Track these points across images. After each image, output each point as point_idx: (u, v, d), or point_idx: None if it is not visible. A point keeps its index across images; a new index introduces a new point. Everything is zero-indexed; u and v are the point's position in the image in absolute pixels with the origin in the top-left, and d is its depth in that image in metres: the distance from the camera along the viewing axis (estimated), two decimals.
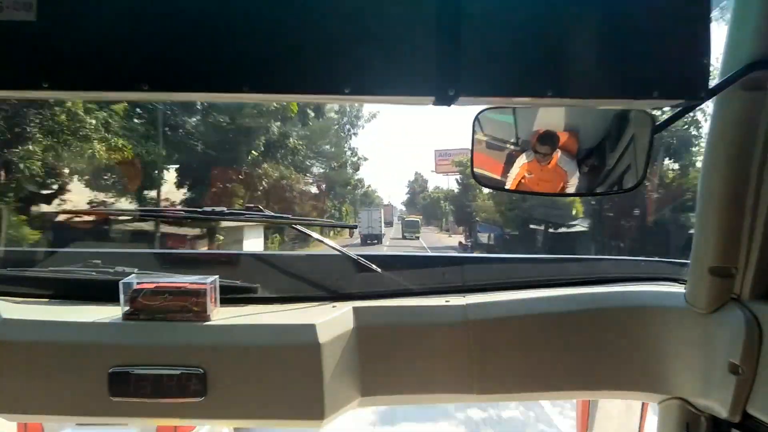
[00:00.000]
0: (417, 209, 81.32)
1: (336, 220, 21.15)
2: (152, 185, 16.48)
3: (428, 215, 74.75)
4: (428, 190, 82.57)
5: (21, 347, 1.17)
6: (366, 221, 39.14)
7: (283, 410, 1.19)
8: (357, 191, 59.08)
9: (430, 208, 74.24)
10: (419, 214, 68.98)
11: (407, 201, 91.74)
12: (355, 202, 60.64)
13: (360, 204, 61.70)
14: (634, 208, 16.78)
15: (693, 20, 0.85)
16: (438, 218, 67.93)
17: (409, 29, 0.84)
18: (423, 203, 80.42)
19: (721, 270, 1.03)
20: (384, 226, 44.48)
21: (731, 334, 1.01)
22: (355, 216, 40.72)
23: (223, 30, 0.84)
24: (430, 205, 75.57)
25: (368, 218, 39.80)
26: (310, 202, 24.69)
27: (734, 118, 0.95)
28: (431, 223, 70.47)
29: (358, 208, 47.03)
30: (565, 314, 1.28)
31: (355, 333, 1.25)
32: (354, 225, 3.75)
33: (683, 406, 1.18)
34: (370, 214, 40.81)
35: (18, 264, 1.43)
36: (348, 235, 40.65)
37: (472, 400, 1.30)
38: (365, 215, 40.51)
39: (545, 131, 1.05)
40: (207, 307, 1.20)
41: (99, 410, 1.16)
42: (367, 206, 51.95)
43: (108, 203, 15.05)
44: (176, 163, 18.40)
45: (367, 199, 67.99)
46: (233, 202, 17.75)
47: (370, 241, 37.60)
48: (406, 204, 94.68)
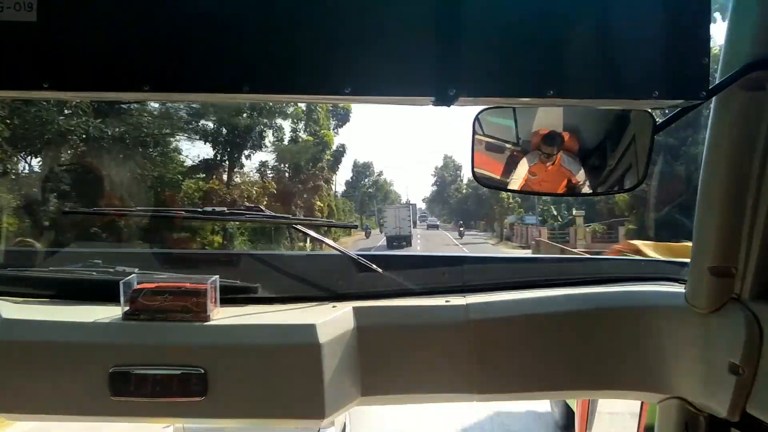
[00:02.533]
0: (444, 209, 65.23)
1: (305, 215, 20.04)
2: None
3: (464, 215, 55.52)
4: (462, 180, 62.75)
5: (21, 347, 1.17)
6: (393, 220, 33.65)
7: (284, 410, 1.19)
8: (365, 183, 51.57)
9: (467, 205, 55.73)
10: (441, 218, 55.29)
11: (433, 196, 71.97)
12: (365, 200, 53.58)
13: (368, 202, 55.33)
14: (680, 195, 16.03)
15: (693, 20, 0.85)
16: (481, 218, 48.65)
17: (408, 29, 0.84)
18: (457, 197, 61.37)
19: (721, 270, 1.03)
20: (413, 226, 37.68)
21: (731, 334, 1.01)
22: (359, 214, 36.47)
23: (224, 30, 0.84)
24: (465, 200, 57.27)
25: (395, 217, 33.85)
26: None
27: (734, 118, 0.95)
28: (469, 226, 51.24)
29: (382, 206, 41.04)
30: (566, 314, 1.28)
31: (355, 333, 1.25)
32: (354, 225, 3.74)
33: (683, 405, 1.18)
34: (397, 212, 34.72)
35: (18, 264, 1.43)
36: (364, 236, 35.70)
37: (472, 400, 1.30)
38: (391, 213, 34.55)
39: (550, 131, 1.05)
40: (207, 307, 1.20)
41: (99, 410, 1.16)
42: (389, 204, 45.29)
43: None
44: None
45: (379, 193, 59.74)
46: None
47: (397, 243, 31.72)
48: (429, 200, 75.76)
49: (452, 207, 63.18)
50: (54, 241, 12.48)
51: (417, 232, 40.38)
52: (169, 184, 17.31)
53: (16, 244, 10.14)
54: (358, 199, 52.16)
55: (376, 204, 59.02)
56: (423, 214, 65.20)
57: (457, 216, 57.79)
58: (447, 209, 65.82)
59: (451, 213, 63.38)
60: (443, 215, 64.78)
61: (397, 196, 67.10)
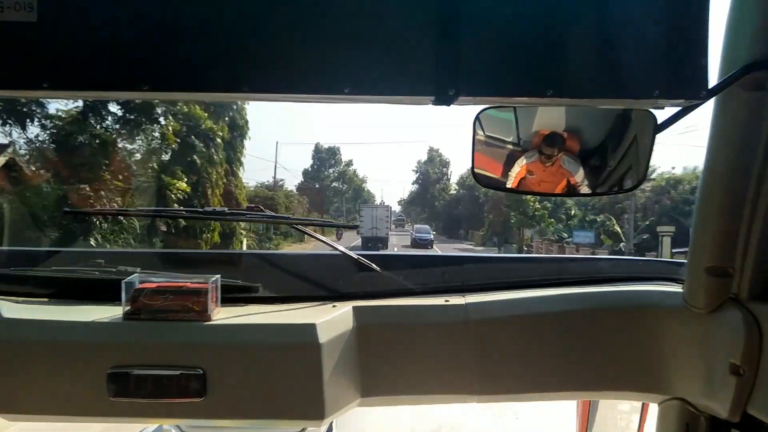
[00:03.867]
0: (428, 214, 52.19)
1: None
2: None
3: (452, 221, 45.78)
4: (450, 178, 53.41)
5: (21, 347, 1.17)
6: (369, 220, 32.04)
7: (283, 410, 1.19)
8: (328, 174, 44.51)
9: (457, 209, 44.79)
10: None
11: (412, 197, 60.04)
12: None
13: (333, 198, 47.68)
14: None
15: (692, 20, 0.85)
16: (480, 226, 39.56)
17: (408, 29, 0.85)
18: (443, 200, 51.27)
19: (719, 270, 1.03)
20: (392, 227, 35.48)
21: (730, 334, 1.01)
22: (318, 212, 32.30)
23: (223, 30, 0.85)
24: (455, 203, 46.19)
25: (372, 216, 32.32)
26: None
27: (734, 118, 0.95)
28: (457, 235, 43.91)
29: (358, 204, 37.82)
30: (565, 314, 1.28)
31: (355, 333, 1.26)
32: (355, 225, 3.73)
33: (683, 406, 1.18)
34: (374, 211, 33.32)
35: (19, 263, 1.43)
36: (336, 237, 33.96)
37: (471, 401, 1.30)
38: (368, 213, 32.98)
39: (551, 132, 1.05)
40: (208, 307, 1.20)
41: (98, 410, 1.17)
42: (363, 203, 41.86)
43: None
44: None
45: (347, 186, 50.67)
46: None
47: (373, 245, 30.67)
48: (407, 202, 63.00)
49: (437, 210, 52.69)
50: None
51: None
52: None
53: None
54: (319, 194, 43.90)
55: (344, 202, 52.13)
56: (399, 217, 55.48)
57: (446, 222, 48.00)
58: (427, 212, 55.07)
59: (433, 217, 52.85)
60: (422, 219, 52.76)
61: (371, 195, 60.25)
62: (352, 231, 31.71)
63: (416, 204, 57.62)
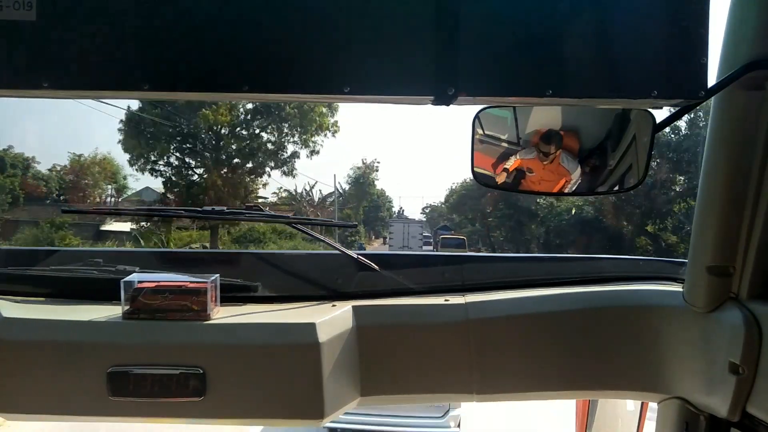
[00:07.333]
0: (463, 222, 36.19)
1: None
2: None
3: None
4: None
5: (21, 347, 1.17)
6: (400, 236, 28.73)
7: (283, 409, 1.19)
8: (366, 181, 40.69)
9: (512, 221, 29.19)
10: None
11: (455, 201, 36.61)
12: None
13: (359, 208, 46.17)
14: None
15: (692, 20, 0.85)
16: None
17: (408, 29, 0.85)
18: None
19: (719, 269, 1.03)
20: (425, 245, 30.67)
21: (730, 334, 1.01)
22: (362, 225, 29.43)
23: (223, 30, 0.85)
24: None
25: (403, 232, 29.02)
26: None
27: (733, 117, 0.95)
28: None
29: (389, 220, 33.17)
30: (565, 313, 1.28)
31: (354, 332, 1.26)
32: (354, 224, 3.73)
33: (683, 405, 1.18)
34: (406, 227, 30.03)
35: (18, 263, 1.43)
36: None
37: (471, 400, 1.30)
38: (399, 228, 29.87)
39: (549, 129, 1.05)
40: (207, 306, 1.20)
41: (98, 410, 1.16)
42: (399, 216, 37.11)
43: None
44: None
45: (360, 189, 42.93)
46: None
47: None
48: (451, 206, 40.81)
49: (489, 224, 33.78)
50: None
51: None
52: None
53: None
54: (355, 209, 40.23)
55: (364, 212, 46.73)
56: (424, 234, 39.62)
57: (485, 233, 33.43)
58: (467, 223, 37.96)
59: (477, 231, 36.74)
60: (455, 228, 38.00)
61: (386, 201, 51.88)
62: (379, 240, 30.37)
63: (462, 210, 38.04)
